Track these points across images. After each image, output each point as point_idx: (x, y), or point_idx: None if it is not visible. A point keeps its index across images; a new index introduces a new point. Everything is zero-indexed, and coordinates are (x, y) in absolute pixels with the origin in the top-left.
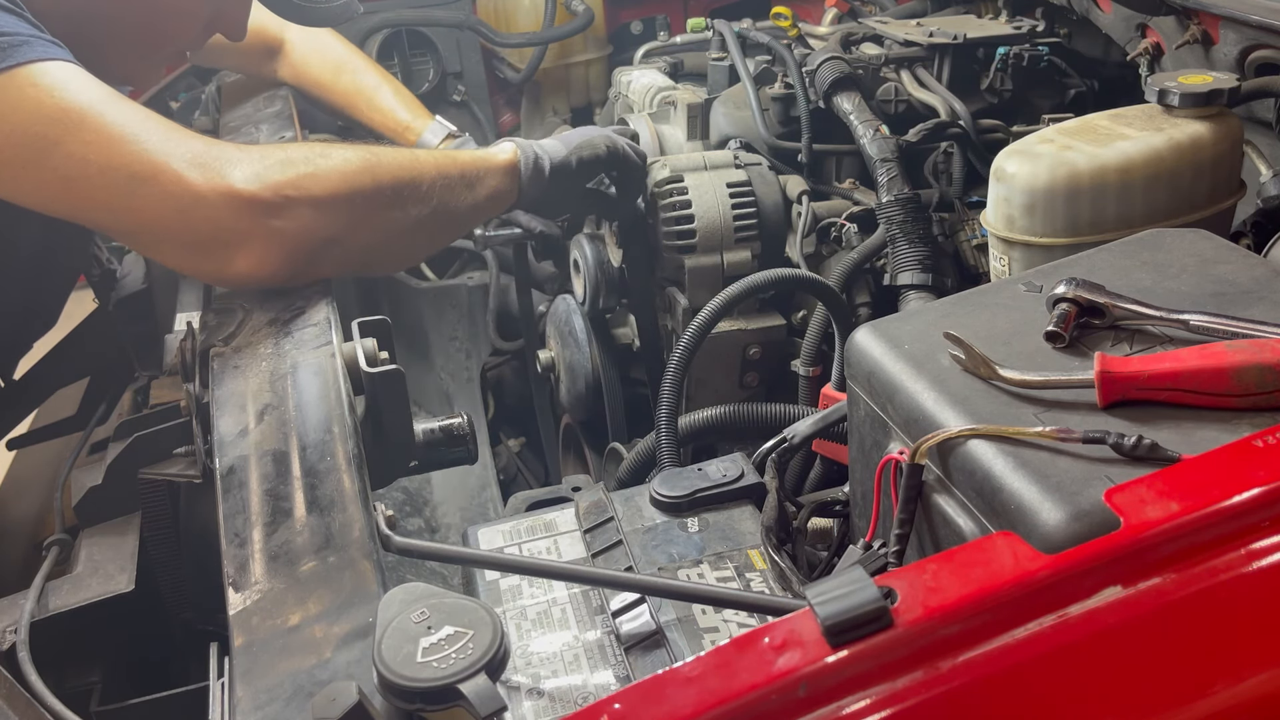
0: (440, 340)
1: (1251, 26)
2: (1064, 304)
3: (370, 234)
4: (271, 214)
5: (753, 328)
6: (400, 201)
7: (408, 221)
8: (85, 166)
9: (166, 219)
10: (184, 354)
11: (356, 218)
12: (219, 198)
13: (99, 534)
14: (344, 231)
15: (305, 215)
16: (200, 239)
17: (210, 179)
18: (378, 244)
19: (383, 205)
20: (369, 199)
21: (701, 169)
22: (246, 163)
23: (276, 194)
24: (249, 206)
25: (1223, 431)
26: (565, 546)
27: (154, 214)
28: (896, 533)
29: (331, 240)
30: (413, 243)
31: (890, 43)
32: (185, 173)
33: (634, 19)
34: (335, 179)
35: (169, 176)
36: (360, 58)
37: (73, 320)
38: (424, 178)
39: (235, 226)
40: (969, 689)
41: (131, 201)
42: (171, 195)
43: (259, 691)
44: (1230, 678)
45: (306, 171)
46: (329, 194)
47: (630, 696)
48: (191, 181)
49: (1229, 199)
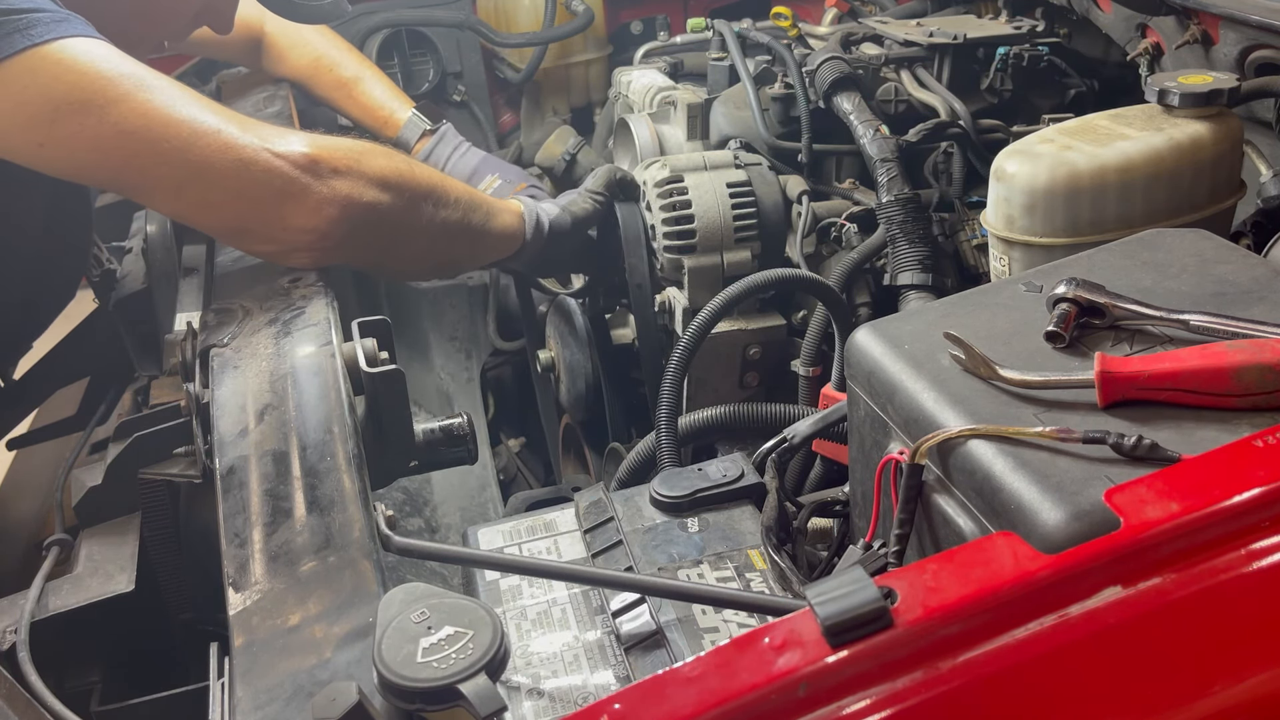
0: (440, 340)
1: (1251, 26)
2: (1064, 304)
3: (410, 219)
4: (324, 173)
5: (753, 328)
6: (434, 199)
7: (439, 222)
8: (146, 120)
9: (224, 168)
10: (184, 354)
11: (402, 200)
12: (275, 149)
13: (99, 534)
14: (390, 209)
15: (359, 183)
16: (255, 187)
17: (268, 140)
18: (413, 234)
19: (421, 197)
20: (410, 187)
21: (701, 169)
22: (296, 134)
23: (333, 157)
24: (304, 161)
25: (1223, 431)
26: (565, 546)
27: (213, 163)
28: (896, 533)
29: (379, 216)
30: (439, 247)
31: (890, 43)
32: (241, 134)
33: (634, 19)
34: (382, 161)
35: (229, 133)
36: (340, 49)
37: (73, 320)
38: (452, 190)
39: (289, 176)
40: (969, 689)
41: (189, 153)
42: (231, 146)
43: (259, 691)
44: (1230, 678)
45: (358, 150)
46: (378, 171)
47: (630, 696)
48: (248, 141)
49: (1229, 199)
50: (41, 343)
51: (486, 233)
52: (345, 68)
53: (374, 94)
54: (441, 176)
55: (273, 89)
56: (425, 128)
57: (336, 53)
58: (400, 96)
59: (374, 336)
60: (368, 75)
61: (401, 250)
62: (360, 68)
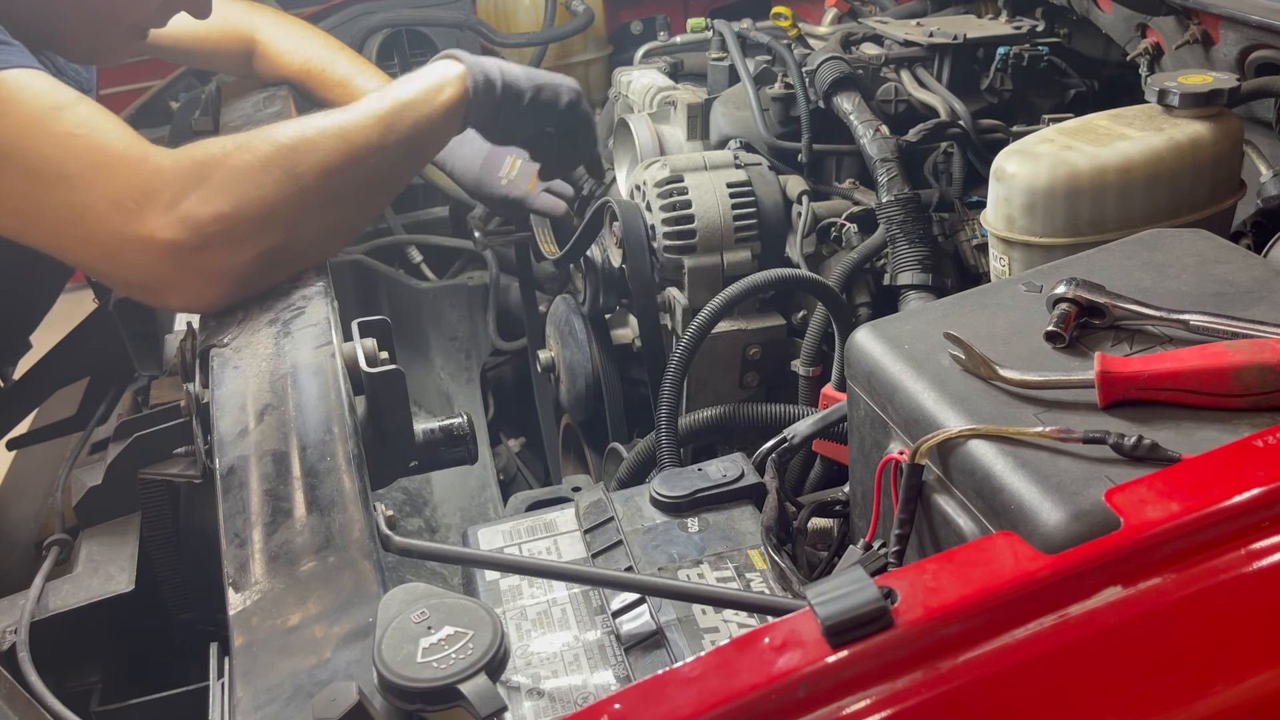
0: (440, 340)
1: (1251, 26)
2: (1064, 304)
3: (313, 228)
4: (195, 255)
5: (753, 328)
6: (335, 189)
7: (353, 200)
8: (21, 203)
9: (97, 262)
10: (184, 354)
11: (289, 227)
12: (140, 245)
13: (99, 534)
14: (282, 241)
15: (232, 248)
16: (133, 281)
17: (130, 226)
18: (326, 230)
19: (318, 203)
20: (300, 202)
21: (701, 169)
22: (167, 194)
23: (197, 234)
24: (170, 252)
25: (1223, 431)
26: (565, 547)
27: (86, 255)
28: (896, 533)
29: (269, 255)
30: (369, 206)
31: (890, 43)
32: (107, 218)
33: (634, 19)
34: (257, 191)
35: (93, 220)
36: (332, 49)
37: (73, 320)
38: (361, 142)
39: (161, 272)
40: (969, 689)
41: (63, 242)
42: (97, 241)
43: (259, 691)
44: (1230, 678)
45: (229, 190)
46: (256, 215)
47: (630, 696)
48: (113, 229)
49: (1229, 199)
50: (41, 343)
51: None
52: (338, 66)
53: (369, 88)
54: (344, 131)
55: (272, 89)
56: None
57: (329, 53)
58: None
59: (374, 336)
60: (362, 72)
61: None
62: (353, 65)
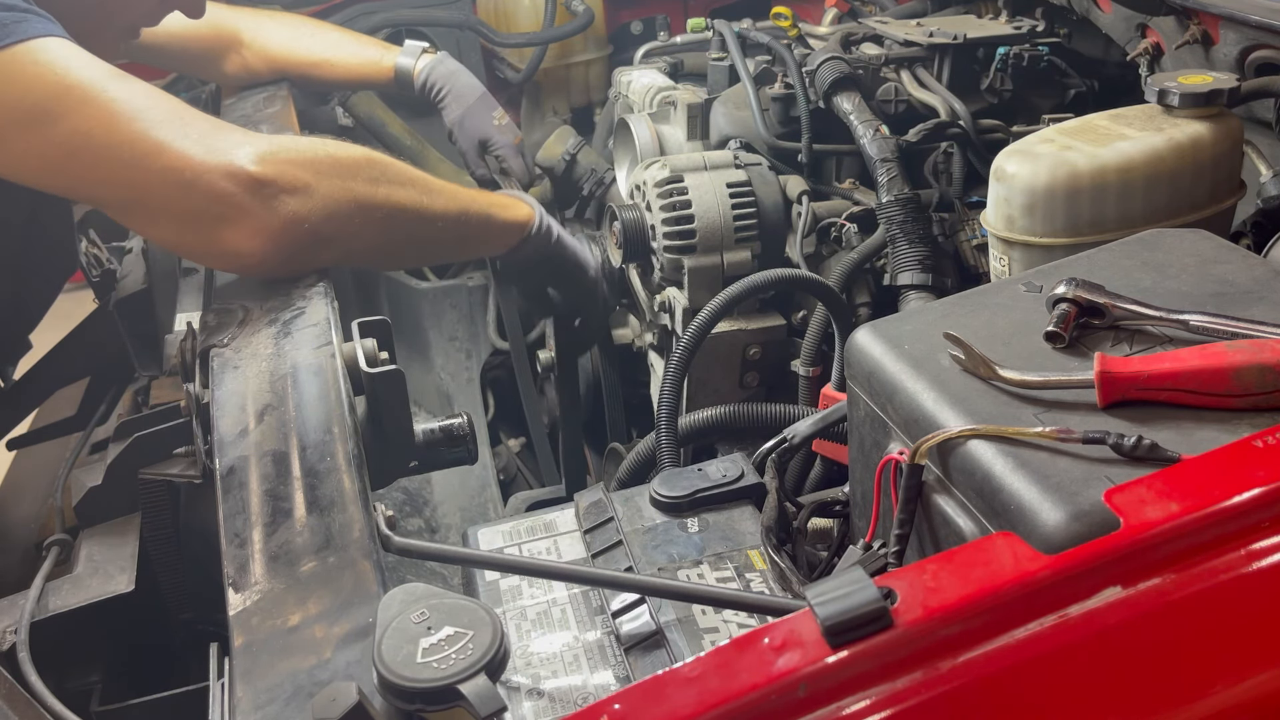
0: (440, 340)
1: (1251, 26)
2: (1064, 304)
3: (368, 243)
4: (270, 195)
5: (753, 328)
6: (404, 223)
7: (410, 243)
8: (89, 140)
9: (167, 191)
10: (184, 354)
11: (355, 226)
12: (221, 170)
13: (99, 534)
14: (339, 234)
15: (304, 205)
16: (195, 211)
17: (214, 153)
18: (373, 251)
19: (386, 224)
20: (373, 212)
21: (701, 169)
22: (253, 144)
23: (280, 176)
24: (250, 182)
25: (1223, 431)
26: (565, 547)
27: (154, 187)
28: (896, 533)
29: (325, 239)
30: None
31: (890, 43)
32: (189, 149)
33: (634, 19)
34: (343, 182)
35: (173, 152)
36: (310, 24)
37: (73, 320)
38: (439, 212)
39: (231, 200)
40: (969, 689)
41: (133, 175)
42: (173, 169)
43: (259, 691)
44: (1230, 678)
45: (315, 165)
46: (333, 193)
47: (630, 696)
48: (194, 156)
49: (1229, 199)
50: (41, 343)
51: (479, 244)
52: (315, 43)
53: (351, 51)
54: (427, 193)
55: (273, 89)
56: (423, 46)
57: (307, 38)
58: (381, 43)
59: (374, 336)
60: (341, 40)
61: (369, 259)
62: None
